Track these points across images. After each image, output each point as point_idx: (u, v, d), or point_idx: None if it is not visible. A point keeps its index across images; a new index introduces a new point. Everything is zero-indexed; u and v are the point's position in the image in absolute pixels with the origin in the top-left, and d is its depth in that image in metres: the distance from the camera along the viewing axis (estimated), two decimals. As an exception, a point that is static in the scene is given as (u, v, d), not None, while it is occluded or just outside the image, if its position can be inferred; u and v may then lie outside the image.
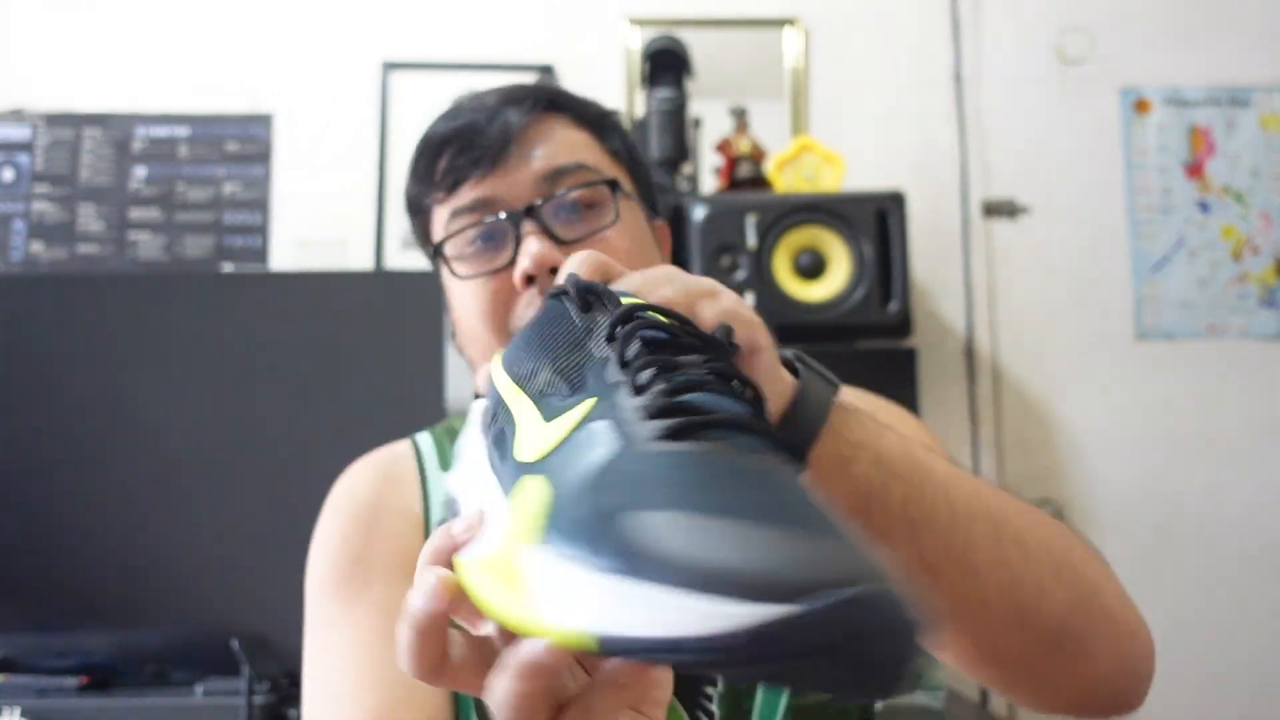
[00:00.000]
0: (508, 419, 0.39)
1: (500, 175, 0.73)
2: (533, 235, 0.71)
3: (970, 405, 1.76)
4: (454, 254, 0.75)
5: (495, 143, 0.73)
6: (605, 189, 0.74)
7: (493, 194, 0.73)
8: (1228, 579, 1.73)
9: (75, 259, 1.83)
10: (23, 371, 1.58)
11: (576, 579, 0.27)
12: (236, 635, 1.27)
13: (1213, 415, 1.78)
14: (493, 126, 0.73)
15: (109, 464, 1.55)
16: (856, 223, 1.51)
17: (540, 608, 0.28)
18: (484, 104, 0.76)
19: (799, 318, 1.49)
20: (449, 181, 0.74)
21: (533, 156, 0.74)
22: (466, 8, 1.90)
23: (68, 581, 1.51)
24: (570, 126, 0.77)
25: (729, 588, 0.24)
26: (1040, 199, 1.84)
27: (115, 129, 1.87)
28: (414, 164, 0.79)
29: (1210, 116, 1.87)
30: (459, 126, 0.75)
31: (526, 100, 0.75)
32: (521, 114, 0.74)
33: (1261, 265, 1.83)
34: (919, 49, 1.88)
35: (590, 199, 0.74)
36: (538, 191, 0.73)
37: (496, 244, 0.73)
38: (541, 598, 0.28)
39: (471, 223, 0.73)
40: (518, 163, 0.73)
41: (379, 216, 1.83)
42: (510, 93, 0.77)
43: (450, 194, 0.75)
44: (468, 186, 0.74)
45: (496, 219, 0.72)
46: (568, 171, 0.74)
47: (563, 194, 0.73)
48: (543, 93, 0.78)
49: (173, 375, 1.58)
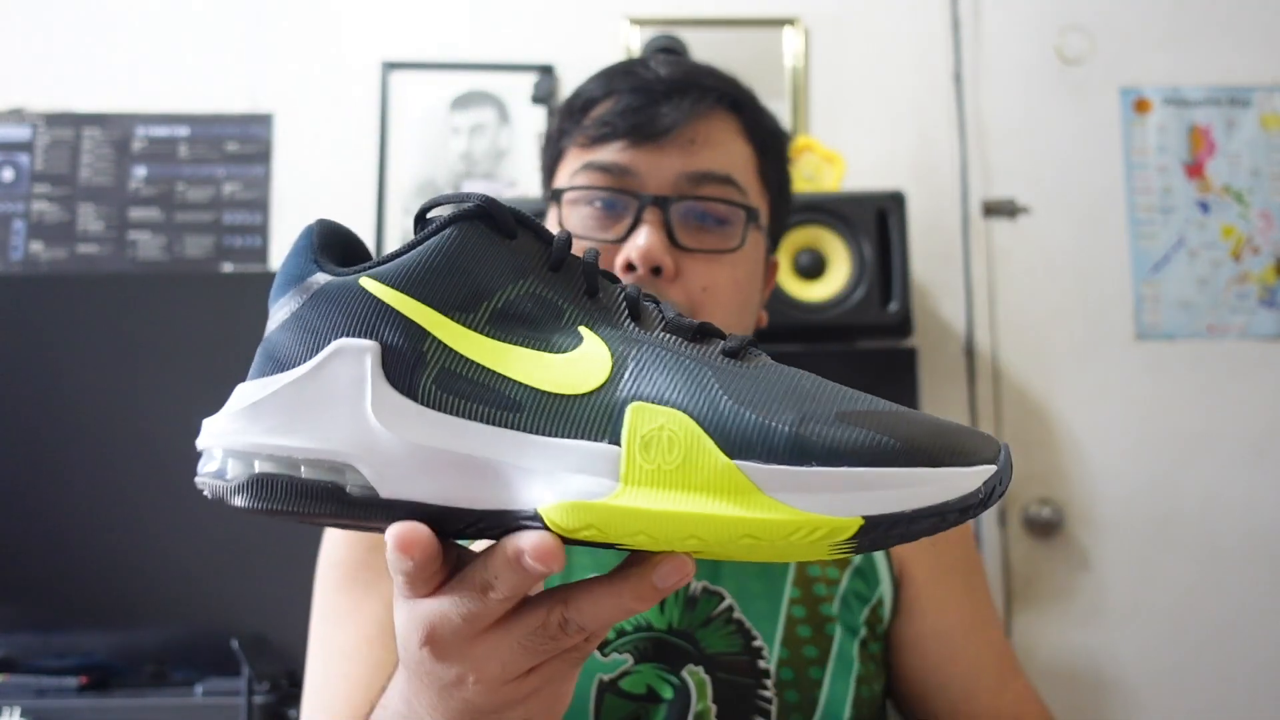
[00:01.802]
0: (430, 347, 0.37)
1: (649, 152, 0.70)
2: (652, 226, 0.69)
3: (970, 405, 1.76)
4: (569, 201, 0.73)
5: (659, 118, 0.70)
6: (742, 212, 0.72)
7: (634, 166, 0.71)
8: (1228, 579, 1.72)
9: (75, 259, 1.83)
10: (23, 371, 1.58)
11: (815, 476, 0.33)
12: (236, 635, 1.27)
13: (1213, 415, 1.78)
14: (668, 100, 0.71)
15: (109, 464, 1.55)
16: (856, 223, 1.51)
17: (796, 504, 0.32)
18: (669, 74, 0.73)
19: (799, 318, 1.49)
20: (597, 133, 0.72)
21: (688, 150, 0.71)
22: (466, 8, 1.90)
23: (68, 581, 1.51)
24: (738, 135, 0.74)
25: (959, 458, 0.33)
26: (1040, 199, 1.84)
27: (115, 129, 1.87)
28: (570, 101, 0.76)
29: (1210, 116, 1.87)
30: (637, 85, 0.72)
31: (711, 91, 0.73)
32: (700, 103, 0.71)
33: (1261, 265, 1.83)
34: (919, 49, 1.88)
35: (723, 215, 0.72)
36: (677, 186, 0.70)
37: (614, 215, 0.71)
38: (794, 498, 0.33)
39: (600, 184, 0.71)
40: (672, 149, 0.71)
41: (379, 216, 1.83)
42: (697, 75, 0.74)
43: (592, 145, 0.72)
44: (613, 147, 0.71)
45: (628, 194, 0.70)
46: (715, 179, 0.71)
47: (699, 200, 0.70)
48: (729, 89, 0.75)
49: (173, 375, 1.58)
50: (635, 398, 0.35)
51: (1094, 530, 1.73)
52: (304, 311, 0.38)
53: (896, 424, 0.34)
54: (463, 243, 0.38)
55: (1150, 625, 1.72)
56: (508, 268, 0.38)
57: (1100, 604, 1.72)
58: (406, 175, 1.85)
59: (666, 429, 0.34)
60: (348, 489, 0.36)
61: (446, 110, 1.87)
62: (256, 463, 0.37)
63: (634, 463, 0.34)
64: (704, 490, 0.33)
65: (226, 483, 0.37)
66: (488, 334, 0.37)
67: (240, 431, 0.37)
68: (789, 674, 0.71)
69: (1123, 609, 1.72)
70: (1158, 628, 1.72)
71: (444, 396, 0.36)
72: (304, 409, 0.36)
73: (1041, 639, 1.71)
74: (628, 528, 0.34)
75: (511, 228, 0.39)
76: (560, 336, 0.38)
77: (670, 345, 0.37)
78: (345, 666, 0.67)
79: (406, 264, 0.37)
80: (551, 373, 0.36)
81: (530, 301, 0.38)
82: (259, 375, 0.38)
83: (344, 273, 0.38)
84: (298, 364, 0.37)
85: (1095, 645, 1.71)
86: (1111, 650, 1.71)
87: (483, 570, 0.36)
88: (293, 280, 0.39)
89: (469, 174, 1.86)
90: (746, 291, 0.75)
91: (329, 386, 0.36)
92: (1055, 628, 1.71)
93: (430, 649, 0.38)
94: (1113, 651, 1.71)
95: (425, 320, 0.37)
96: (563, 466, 0.35)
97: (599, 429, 0.35)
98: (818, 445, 0.33)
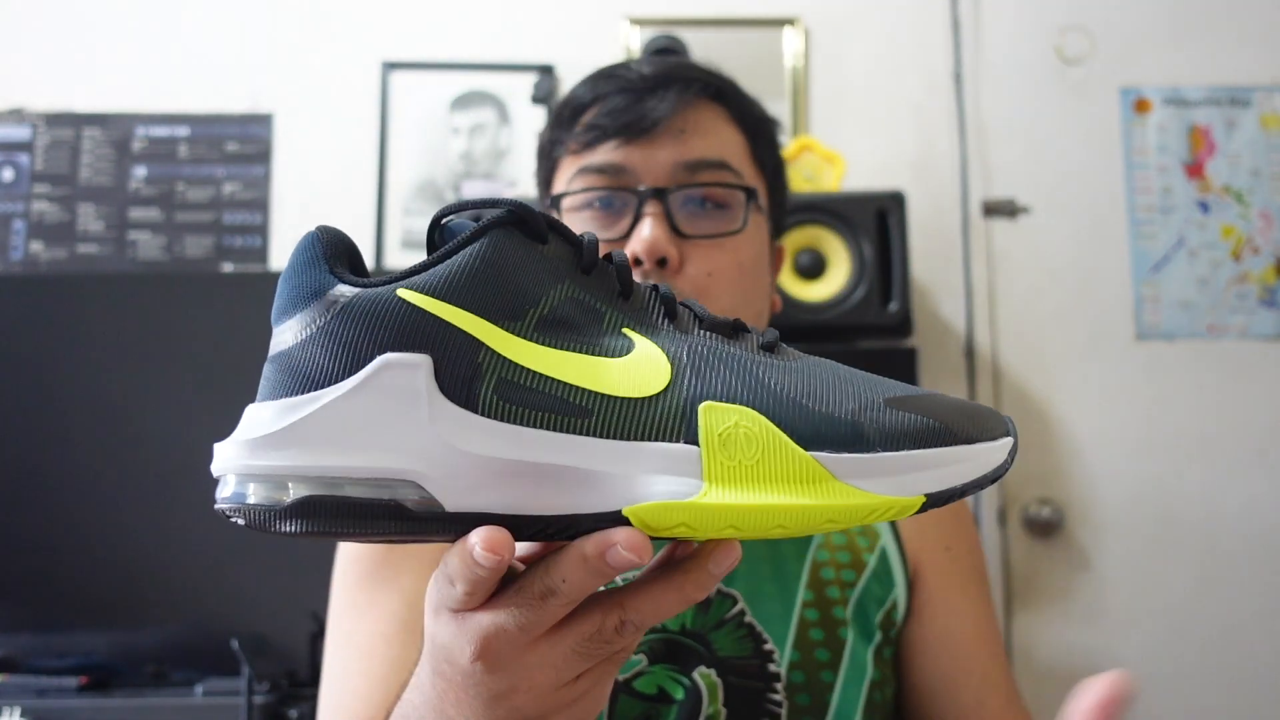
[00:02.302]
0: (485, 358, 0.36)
1: (641, 147, 0.71)
2: (654, 218, 0.69)
3: (970, 405, 1.76)
4: (570, 208, 0.73)
5: (647, 113, 0.70)
6: (741, 194, 0.72)
7: (628, 163, 0.71)
8: (1228, 579, 1.72)
9: (75, 259, 1.83)
10: (23, 371, 1.58)
11: (881, 461, 0.36)
12: (236, 635, 1.27)
13: (1213, 415, 1.78)
14: (652, 95, 0.71)
15: (109, 464, 1.55)
16: (856, 223, 1.51)
17: (868, 488, 0.36)
18: (650, 71, 0.73)
19: (799, 318, 1.49)
20: (588, 137, 0.72)
21: (680, 140, 0.71)
22: (466, 8, 1.90)
23: (68, 581, 1.51)
24: (727, 122, 0.75)
25: (987, 433, 0.38)
26: (1040, 199, 1.84)
27: (115, 129, 1.87)
28: (559, 110, 0.76)
29: (1210, 116, 1.87)
30: (619, 87, 0.72)
31: (695, 82, 0.73)
32: (685, 94, 0.72)
33: (1261, 265, 1.83)
34: (919, 49, 1.88)
35: (722, 199, 0.72)
36: (674, 177, 0.71)
37: (615, 213, 0.71)
38: (865, 483, 0.36)
39: (597, 185, 0.71)
40: (663, 141, 0.71)
41: (379, 216, 1.83)
42: (679, 69, 0.74)
43: (585, 149, 0.72)
44: (606, 148, 0.71)
45: (623, 190, 0.70)
46: (709, 165, 0.71)
47: (697, 186, 0.70)
48: (712, 79, 0.75)
49: (173, 375, 1.58)
50: (704, 397, 0.36)
51: (1094, 530, 1.73)
52: (333, 326, 0.36)
53: (935, 407, 0.38)
54: (501, 250, 0.37)
55: (1150, 625, 1.72)
56: (545, 273, 0.38)
57: (1100, 604, 1.72)
58: (406, 175, 1.85)
59: (742, 426, 0.36)
60: (407, 504, 0.35)
61: (446, 110, 1.87)
62: (292, 486, 0.36)
63: (715, 460, 0.36)
64: (785, 481, 0.36)
65: (265, 509, 0.36)
66: (539, 341, 0.37)
67: (272, 456, 0.36)
68: (800, 677, 0.70)
69: (1122, 609, 1.72)
70: (1157, 627, 1.72)
71: (506, 406, 0.36)
72: (352, 428, 0.35)
73: (1041, 639, 1.71)
74: (719, 523, 0.35)
75: (544, 232, 0.39)
76: (608, 339, 0.38)
77: (714, 343, 0.39)
78: (363, 663, 0.67)
79: (447, 273, 0.37)
80: (614, 377, 0.37)
81: (571, 306, 0.38)
82: (282, 394, 0.37)
83: (373, 283, 0.37)
84: (335, 381, 0.36)
85: (1095, 645, 1.71)
86: (1111, 650, 1.71)
87: (544, 577, 0.36)
88: (309, 294, 0.37)
89: (469, 174, 1.86)
90: (752, 274, 0.74)
91: (379, 403, 0.35)
92: (1055, 628, 1.71)
93: (484, 662, 0.37)
94: (1112, 652, 1.71)
95: (477, 330, 0.36)
96: (642, 469, 0.35)
97: (673, 430, 0.36)
98: (876, 431, 0.36)
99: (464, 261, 0.37)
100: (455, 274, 0.37)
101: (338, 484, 0.35)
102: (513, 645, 0.37)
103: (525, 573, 0.37)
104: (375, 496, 0.35)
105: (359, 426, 0.35)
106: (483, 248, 0.37)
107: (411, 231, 1.83)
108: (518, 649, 0.37)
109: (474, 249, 0.37)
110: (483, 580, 0.36)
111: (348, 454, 0.35)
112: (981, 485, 0.37)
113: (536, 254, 0.38)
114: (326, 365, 0.36)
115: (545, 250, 0.39)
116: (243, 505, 0.36)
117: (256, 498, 0.36)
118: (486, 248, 0.37)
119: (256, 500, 0.36)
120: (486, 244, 0.37)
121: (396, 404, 0.35)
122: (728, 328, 0.40)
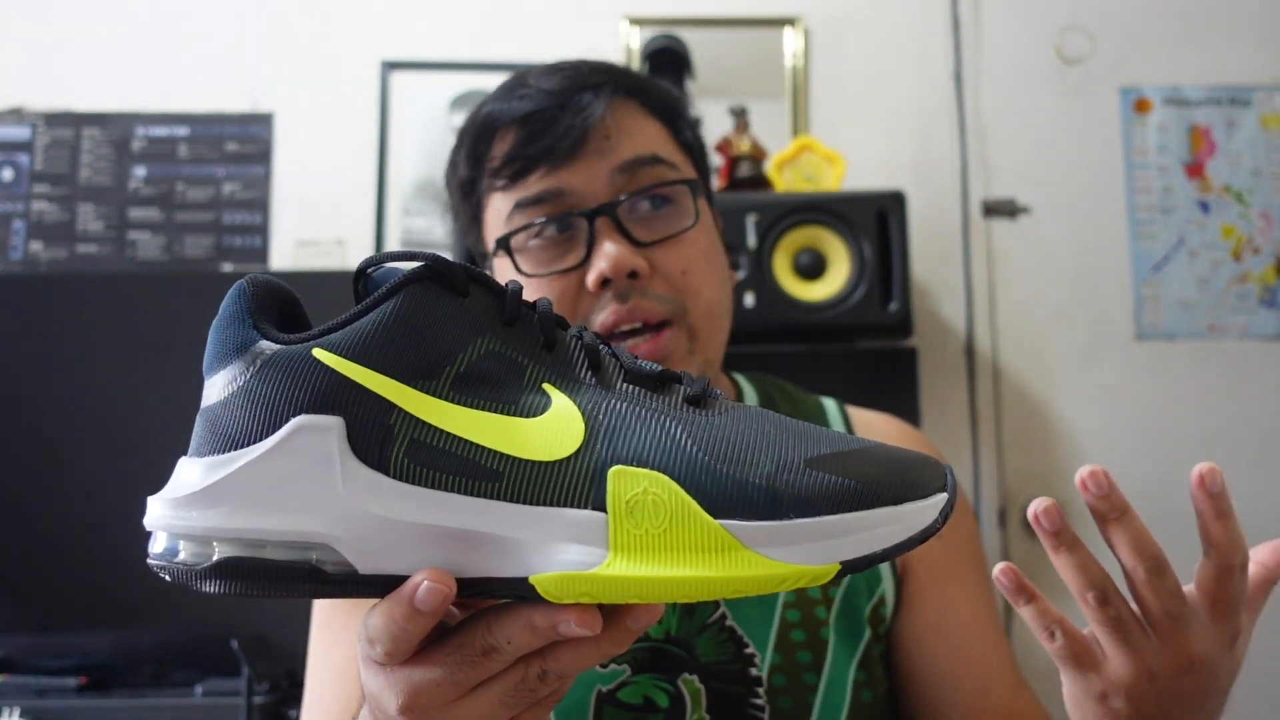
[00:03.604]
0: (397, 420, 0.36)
1: (574, 168, 0.69)
2: (609, 236, 0.67)
3: (970, 405, 1.76)
4: (518, 247, 0.70)
5: (569, 132, 0.68)
6: (684, 187, 0.71)
7: (565, 186, 0.69)
8: (1228, 579, 1.72)
9: (75, 259, 1.83)
10: (23, 371, 1.58)
11: (793, 529, 0.34)
12: (236, 635, 1.27)
13: (1213, 415, 1.78)
14: (567, 111, 0.68)
15: (109, 464, 1.55)
16: (856, 223, 1.51)
17: (779, 558, 0.34)
18: (554, 85, 0.70)
19: (799, 318, 1.49)
20: (513, 170, 0.69)
21: (609, 148, 0.69)
22: (466, 8, 1.90)
23: (67, 581, 1.51)
24: (645, 114, 0.73)
25: (916, 491, 0.36)
26: (1040, 199, 1.84)
27: (115, 129, 1.87)
28: (469, 144, 0.73)
29: (1210, 116, 1.87)
30: (528, 109, 0.69)
31: (604, 85, 0.71)
32: (599, 99, 0.69)
33: (1262, 265, 1.83)
34: (919, 49, 1.88)
35: (668, 195, 0.71)
36: (613, 187, 0.69)
37: (567, 241, 0.69)
38: (777, 551, 0.34)
39: (542, 218, 0.69)
40: (592, 154, 0.69)
41: (379, 216, 1.83)
42: (582, 75, 0.72)
43: (514, 183, 0.70)
44: (537, 176, 0.69)
45: (571, 215, 0.68)
46: (645, 165, 0.70)
47: (642, 191, 0.69)
48: (618, 77, 0.73)
49: (173, 375, 1.58)
50: (614, 460, 0.36)
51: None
52: (252, 385, 0.36)
53: (859, 466, 0.36)
54: (416, 306, 0.37)
55: (1150, 625, 1.71)
56: (465, 327, 0.37)
57: (1100, 604, 1.71)
58: (406, 175, 1.85)
59: (650, 492, 0.35)
60: (323, 568, 0.35)
61: (446, 110, 1.87)
62: (216, 545, 0.36)
63: (621, 528, 0.35)
64: (692, 550, 0.34)
65: (189, 567, 0.36)
66: (453, 400, 0.36)
67: (196, 514, 0.36)
68: (781, 680, 0.70)
69: (1123, 609, 1.72)
70: (1158, 628, 1.71)
71: (417, 469, 0.35)
72: (267, 490, 0.35)
73: (1041, 639, 1.70)
74: (622, 594, 0.35)
75: (464, 284, 0.38)
76: (526, 396, 0.37)
77: (636, 398, 0.38)
78: (335, 687, 0.67)
79: (360, 332, 0.36)
80: (526, 438, 0.36)
81: (491, 360, 0.37)
82: (207, 452, 0.37)
83: (291, 340, 0.37)
84: (253, 441, 0.36)
85: (1095, 645, 1.71)
86: (1111, 650, 1.70)
87: (486, 635, 0.36)
88: (232, 349, 0.37)
89: (469, 174, 1.86)
90: (717, 260, 0.74)
91: (293, 465, 0.35)
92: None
93: (411, 714, 0.38)
94: (1113, 651, 1.70)
95: (388, 392, 0.36)
96: (549, 535, 0.35)
97: (581, 495, 0.35)
98: (791, 496, 0.35)
99: (378, 319, 0.36)
100: (369, 333, 0.36)
101: (258, 545, 0.35)
102: (442, 697, 0.37)
103: (462, 629, 0.37)
104: (292, 559, 0.35)
105: (275, 488, 0.35)
106: (397, 304, 0.37)
107: (411, 231, 1.83)
108: (446, 701, 0.37)
109: (388, 306, 0.37)
110: (411, 636, 0.36)
111: (265, 516, 0.35)
112: (907, 548, 0.36)
113: (456, 307, 0.38)
114: (246, 424, 0.36)
115: (465, 303, 0.38)
116: (170, 562, 0.36)
117: (185, 554, 0.36)
118: (401, 304, 0.37)
119: (185, 557, 0.36)
120: (401, 300, 0.37)
121: (310, 466, 0.35)
122: (653, 380, 0.39)
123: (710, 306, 0.72)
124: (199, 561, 0.36)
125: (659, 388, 0.39)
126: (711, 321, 0.72)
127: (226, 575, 0.35)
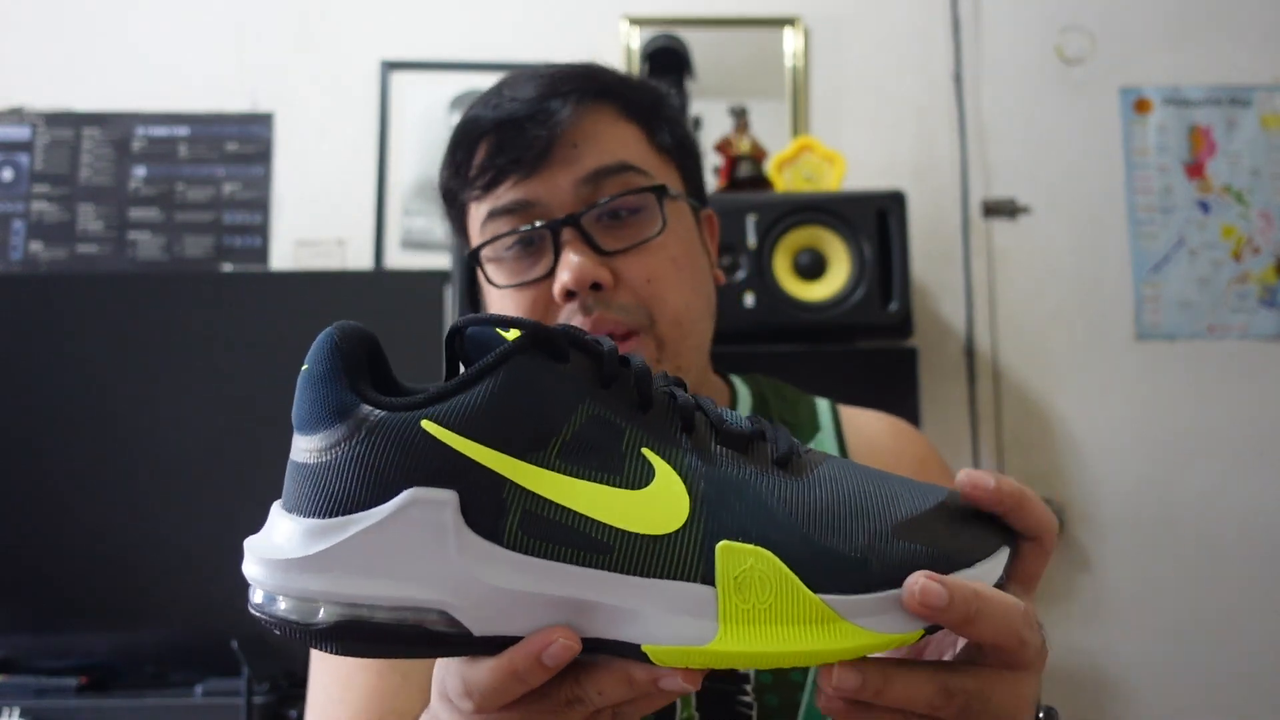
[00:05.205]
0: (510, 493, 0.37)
1: (541, 177, 0.68)
2: (573, 247, 0.67)
3: (970, 405, 1.76)
4: (490, 257, 0.71)
5: (536, 140, 0.68)
6: (650, 195, 0.70)
7: (532, 197, 0.68)
8: (1228, 579, 1.72)
9: (75, 259, 1.83)
10: (23, 371, 1.58)
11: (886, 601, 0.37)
12: (236, 635, 1.27)
13: (1213, 415, 1.78)
14: (534, 121, 0.68)
15: (109, 464, 1.55)
16: (856, 223, 1.51)
17: (872, 627, 0.37)
18: (527, 92, 0.70)
19: (799, 318, 1.49)
20: (486, 179, 0.70)
21: (575, 157, 0.68)
22: (466, 8, 1.90)
23: (68, 581, 1.51)
24: (618, 119, 0.72)
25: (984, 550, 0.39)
26: (1040, 199, 1.84)
27: (115, 129, 1.87)
28: (451, 152, 0.74)
29: (1210, 116, 1.87)
30: (500, 118, 0.69)
31: (573, 91, 0.70)
32: (567, 107, 0.69)
33: (1262, 265, 1.83)
34: (919, 49, 1.88)
35: (634, 204, 0.70)
36: (579, 196, 0.68)
37: (535, 252, 0.69)
38: (869, 621, 0.37)
39: (509, 229, 0.69)
40: (560, 163, 0.68)
41: (378, 216, 1.83)
42: (556, 80, 0.71)
43: (488, 192, 0.70)
44: (506, 186, 0.69)
45: (534, 227, 0.68)
46: (611, 173, 0.69)
47: (605, 203, 0.68)
48: (591, 81, 0.72)
49: (173, 375, 1.58)
50: (720, 534, 0.37)
51: (1094, 530, 1.73)
52: (360, 452, 0.37)
53: (938, 533, 0.39)
54: (522, 377, 0.38)
55: (1150, 625, 1.72)
56: (567, 395, 0.38)
57: (1100, 604, 1.72)
58: (406, 175, 1.85)
59: (756, 569, 0.37)
60: (440, 631, 0.37)
61: (446, 110, 1.87)
62: (323, 608, 0.37)
63: (730, 603, 0.37)
64: (794, 624, 0.37)
65: (303, 626, 0.37)
66: (561, 470, 0.37)
67: (307, 578, 0.37)
68: (768, 677, 0.69)
69: (1123, 609, 1.72)
70: (1157, 627, 1.72)
71: (531, 540, 0.37)
72: (382, 557, 0.36)
73: (1041, 639, 1.71)
74: (730, 664, 0.37)
75: (564, 350, 0.39)
76: (629, 464, 0.38)
77: (730, 462, 0.40)
78: (342, 692, 0.67)
79: (469, 407, 0.37)
80: (634, 512, 0.37)
81: (593, 426, 0.38)
82: (310, 512, 0.37)
83: (397, 406, 0.37)
84: (363, 508, 0.36)
85: (1095, 645, 1.71)
86: (1111, 650, 1.71)
87: (575, 687, 0.38)
88: (332, 411, 0.37)
89: (469, 174, 1.86)
90: (689, 265, 0.72)
91: (406, 535, 0.36)
92: (1055, 628, 1.71)
93: None
94: (1112, 651, 1.71)
95: (500, 466, 0.37)
96: (660, 606, 0.36)
97: (690, 569, 0.37)
98: (882, 568, 0.38)
99: (485, 393, 0.37)
100: (477, 407, 0.37)
101: (369, 610, 0.36)
102: None
103: (551, 681, 0.38)
104: (404, 621, 0.36)
105: (388, 557, 0.36)
106: (503, 377, 0.37)
107: (411, 231, 1.83)
108: None
109: (494, 379, 0.37)
110: (518, 690, 0.37)
111: (378, 583, 0.36)
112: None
113: (557, 375, 0.38)
114: (355, 491, 0.36)
115: (566, 369, 0.39)
116: (276, 617, 0.37)
117: (289, 612, 0.37)
118: (507, 376, 0.37)
119: (288, 614, 0.37)
120: (507, 372, 0.37)
121: (424, 537, 0.36)
122: (743, 440, 0.40)
123: (678, 314, 0.70)
124: (307, 622, 0.37)
125: (747, 449, 0.40)
126: (681, 328, 0.70)
127: (344, 637, 0.37)
